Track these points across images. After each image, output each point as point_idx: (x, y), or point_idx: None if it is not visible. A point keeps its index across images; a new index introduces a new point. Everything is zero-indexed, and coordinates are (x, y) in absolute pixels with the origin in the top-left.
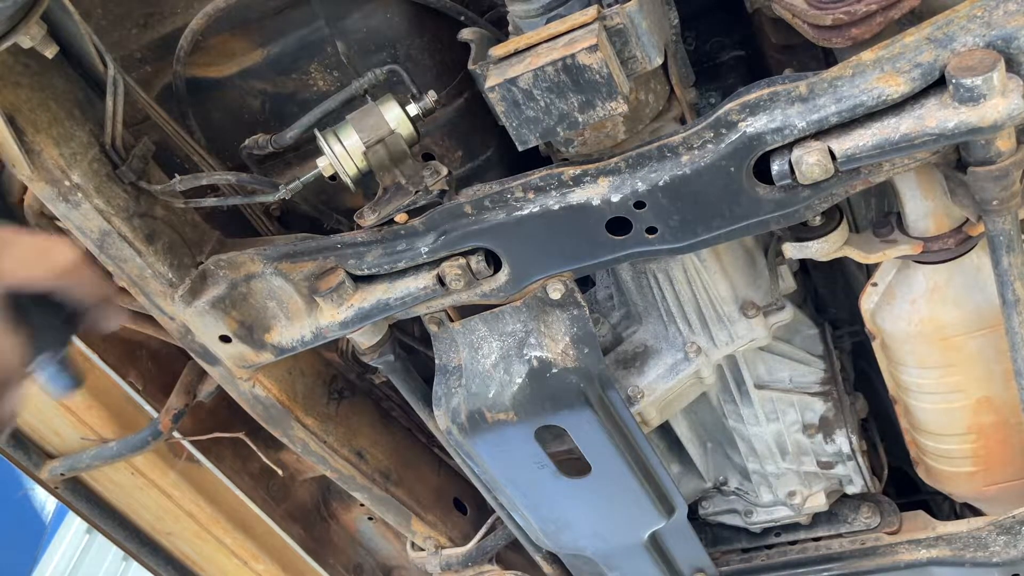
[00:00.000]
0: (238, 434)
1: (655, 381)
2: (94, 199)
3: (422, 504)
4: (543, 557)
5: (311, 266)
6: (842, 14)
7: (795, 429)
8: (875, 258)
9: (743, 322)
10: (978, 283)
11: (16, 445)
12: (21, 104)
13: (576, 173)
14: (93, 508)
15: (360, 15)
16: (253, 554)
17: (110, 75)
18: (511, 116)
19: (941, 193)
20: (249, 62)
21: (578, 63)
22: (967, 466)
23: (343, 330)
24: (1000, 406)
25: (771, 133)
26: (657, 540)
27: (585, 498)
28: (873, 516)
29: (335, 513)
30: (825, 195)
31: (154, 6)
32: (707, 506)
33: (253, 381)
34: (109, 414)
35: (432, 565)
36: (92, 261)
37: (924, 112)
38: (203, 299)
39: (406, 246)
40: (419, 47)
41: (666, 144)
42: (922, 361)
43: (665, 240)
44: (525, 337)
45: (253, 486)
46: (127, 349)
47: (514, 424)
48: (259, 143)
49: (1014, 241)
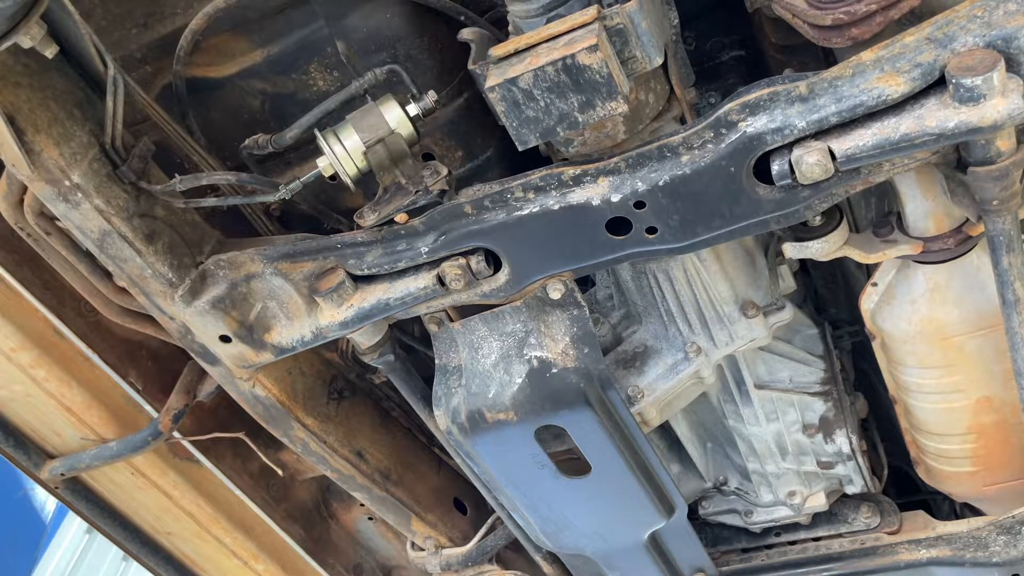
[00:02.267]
0: (238, 434)
1: (655, 381)
2: (94, 199)
3: (422, 504)
4: (543, 557)
5: (311, 266)
6: (842, 14)
7: (795, 429)
8: (875, 258)
9: (743, 322)
10: (978, 283)
11: (16, 445)
12: (21, 104)
13: (576, 173)
14: (93, 508)
15: (360, 15)
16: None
17: (110, 75)
18: (511, 116)
19: (941, 193)
20: (249, 62)
21: (578, 63)
22: (967, 466)
23: (343, 330)
24: (1000, 406)
25: (771, 133)
26: (657, 540)
27: (585, 498)
28: (873, 516)
29: (335, 513)
30: (825, 195)
31: (154, 6)
32: (707, 506)
33: (253, 381)
34: (109, 414)
35: (432, 565)
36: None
37: (924, 112)
38: (203, 299)
39: (406, 246)
40: (419, 47)
41: (666, 144)
42: (922, 361)
43: (665, 240)
44: (525, 337)
45: (253, 486)
46: (127, 349)
47: (514, 424)
48: (259, 143)
49: (1014, 241)
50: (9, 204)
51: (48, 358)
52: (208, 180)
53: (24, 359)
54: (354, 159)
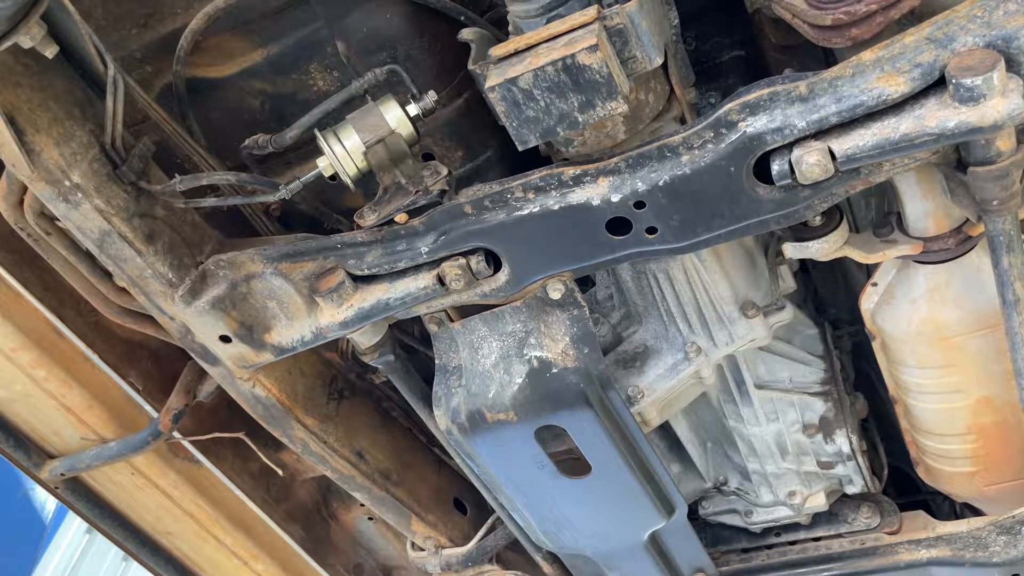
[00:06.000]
0: (238, 434)
1: (655, 381)
2: (94, 199)
3: (422, 504)
4: (543, 557)
5: (311, 266)
6: (842, 14)
7: (795, 429)
8: (875, 258)
9: (743, 322)
10: (978, 283)
11: (16, 445)
12: (21, 104)
13: (576, 173)
14: (93, 508)
15: (360, 15)
16: (253, 554)
17: (110, 75)
18: (511, 116)
19: (941, 193)
20: (249, 62)
21: (578, 63)
22: (967, 466)
23: (343, 330)
24: (1000, 406)
25: (771, 133)
26: (657, 540)
27: (585, 498)
28: (873, 516)
29: (335, 513)
30: (825, 195)
31: (154, 6)
32: (707, 506)
33: (253, 381)
34: (109, 414)
35: (432, 565)
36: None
37: (924, 112)
38: (203, 299)
39: (406, 246)
40: (419, 47)
41: (666, 144)
42: (922, 361)
43: (665, 240)
44: (525, 337)
45: (253, 486)
46: (127, 349)
47: (514, 424)
48: (259, 143)
49: (1014, 241)
50: (9, 204)
51: (48, 358)
52: (208, 180)
53: (24, 359)
54: (354, 159)
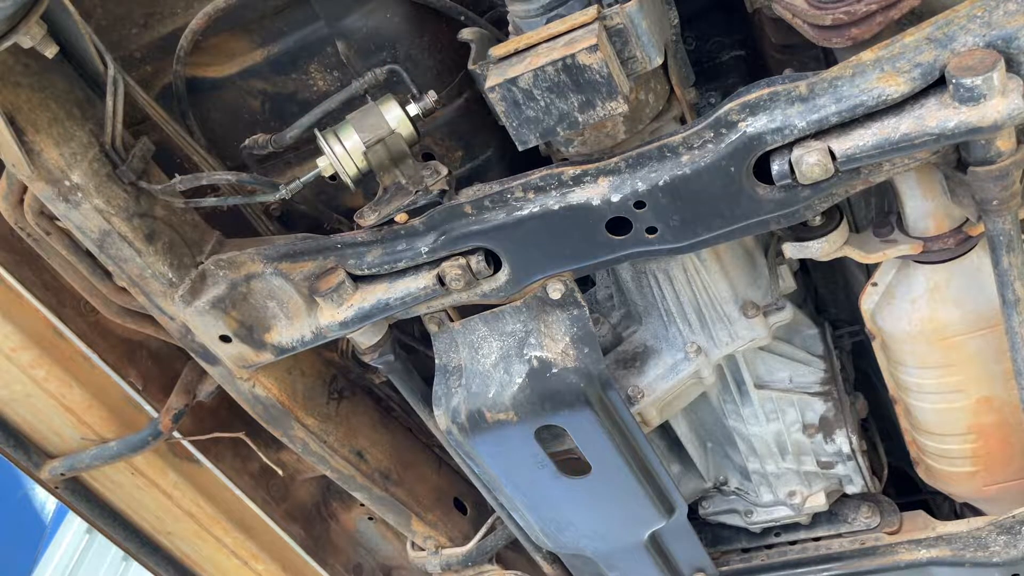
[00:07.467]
0: (238, 434)
1: (655, 381)
2: (94, 199)
3: (422, 504)
4: (543, 557)
5: (311, 266)
6: (842, 14)
7: (795, 429)
8: (875, 258)
9: (743, 322)
10: (978, 283)
11: (16, 445)
12: (21, 104)
13: (576, 173)
14: (93, 508)
15: (360, 15)
16: (253, 554)
17: (110, 75)
18: (511, 116)
19: (941, 193)
20: (249, 62)
21: (578, 63)
22: (967, 466)
23: (343, 330)
24: (1000, 406)
25: (771, 133)
26: (657, 540)
27: (585, 498)
28: (873, 516)
29: (335, 513)
30: (825, 195)
31: (154, 6)
32: (707, 506)
33: (253, 381)
34: (109, 414)
35: (432, 565)
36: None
37: (924, 112)
38: (203, 299)
39: (406, 246)
40: (419, 47)
41: (666, 144)
42: (922, 361)
43: (665, 240)
44: (525, 337)
45: (253, 486)
46: (127, 349)
47: (514, 424)
48: (259, 143)
49: (1014, 241)
50: (9, 204)
51: (48, 358)
52: (208, 180)
53: (24, 359)
54: (354, 159)
